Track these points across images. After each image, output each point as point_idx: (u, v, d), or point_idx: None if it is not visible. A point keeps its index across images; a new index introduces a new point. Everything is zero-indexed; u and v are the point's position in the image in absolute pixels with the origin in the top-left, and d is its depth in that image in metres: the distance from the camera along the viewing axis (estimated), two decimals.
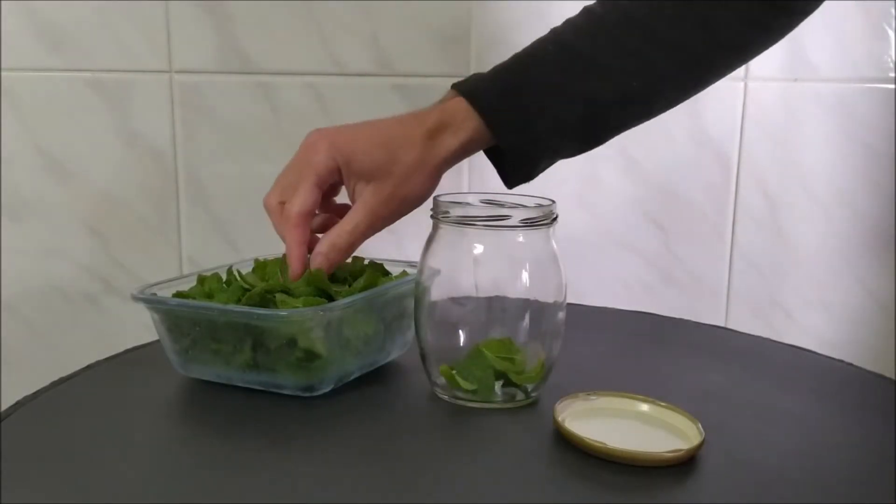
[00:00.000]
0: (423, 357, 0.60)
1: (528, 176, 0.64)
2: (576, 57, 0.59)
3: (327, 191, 0.61)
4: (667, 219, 1.00)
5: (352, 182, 0.59)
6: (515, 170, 0.63)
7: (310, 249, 0.60)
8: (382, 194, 0.58)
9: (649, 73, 0.59)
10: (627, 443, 0.48)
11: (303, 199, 0.58)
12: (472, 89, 0.60)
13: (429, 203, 0.59)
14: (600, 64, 0.59)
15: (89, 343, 1.00)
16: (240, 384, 0.60)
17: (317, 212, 0.61)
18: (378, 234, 0.98)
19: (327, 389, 0.59)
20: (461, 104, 0.59)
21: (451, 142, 0.59)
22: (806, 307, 1.02)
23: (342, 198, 0.63)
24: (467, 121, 0.59)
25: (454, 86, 0.61)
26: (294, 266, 0.58)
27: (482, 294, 0.58)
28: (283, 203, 0.59)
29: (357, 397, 0.59)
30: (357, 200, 0.59)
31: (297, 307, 0.57)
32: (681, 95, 0.63)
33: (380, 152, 0.57)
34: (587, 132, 0.62)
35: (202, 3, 0.94)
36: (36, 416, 0.55)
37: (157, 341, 0.63)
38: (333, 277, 0.63)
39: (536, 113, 0.59)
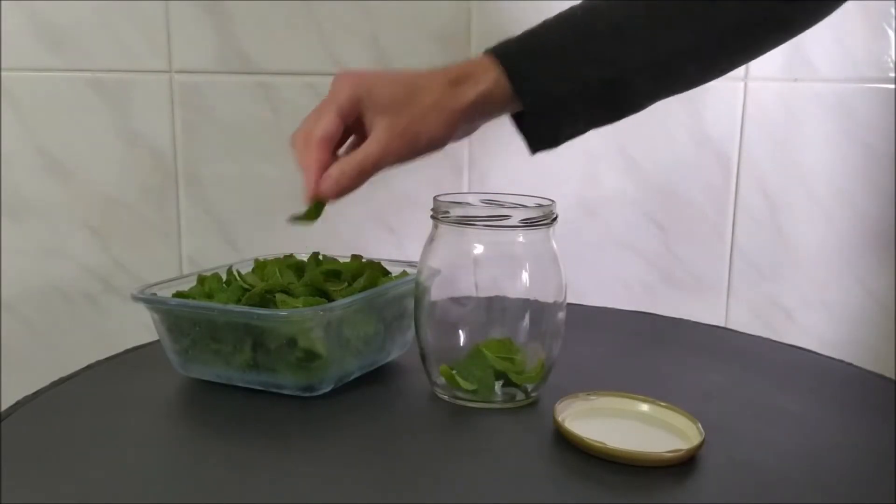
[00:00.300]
0: (423, 357, 0.60)
1: (550, 141, 0.62)
2: (603, 21, 0.59)
3: (356, 141, 0.60)
4: (667, 219, 1.00)
5: (370, 115, 0.58)
6: (537, 133, 0.62)
7: None
8: (397, 128, 0.57)
9: (678, 44, 0.58)
10: (627, 443, 0.48)
11: (324, 123, 0.57)
12: (497, 46, 0.60)
13: (429, 203, 0.59)
14: (628, 30, 0.58)
15: (89, 343, 1.00)
16: (240, 384, 0.60)
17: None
18: (378, 234, 0.99)
19: (327, 389, 0.59)
20: (485, 59, 0.59)
21: (470, 91, 0.58)
22: (806, 307, 1.02)
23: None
24: (488, 72, 0.58)
25: (485, 50, 0.61)
26: (311, 187, 0.57)
27: (482, 294, 0.58)
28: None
29: (357, 397, 0.59)
30: (372, 131, 0.58)
31: (297, 307, 0.57)
32: (710, 72, 0.61)
33: (400, 89, 0.58)
34: (609, 99, 0.60)
35: (202, 3, 0.94)
36: (36, 416, 0.55)
37: (157, 341, 0.63)
38: (335, 276, 0.63)
39: (559, 72, 0.58)
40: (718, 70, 0.62)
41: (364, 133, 0.59)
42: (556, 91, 0.59)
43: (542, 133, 0.61)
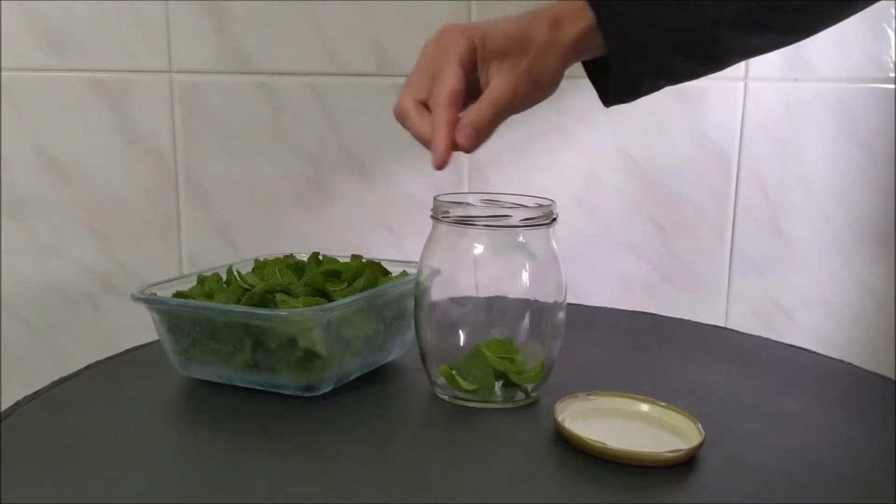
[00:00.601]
0: (423, 357, 0.60)
1: (627, 93, 0.61)
2: None
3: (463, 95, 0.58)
4: (667, 219, 1.00)
5: (488, 62, 0.56)
6: (618, 82, 0.60)
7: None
8: (520, 69, 0.56)
9: None
10: (627, 443, 0.48)
11: (451, 79, 0.54)
12: None
13: (429, 203, 0.59)
14: None
15: (89, 343, 1.00)
16: (240, 384, 0.60)
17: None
18: (378, 234, 0.99)
19: (327, 389, 0.59)
20: (576, 2, 0.58)
21: (572, 29, 0.57)
22: (806, 307, 1.02)
23: None
24: (582, 11, 0.57)
25: None
26: (441, 148, 0.53)
27: (482, 294, 0.58)
28: (420, 103, 0.56)
29: (357, 397, 0.59)
30: (493, 78, 0.56)
31: (297, 307, 0.57)
32: (799, 30, 0.60)
33: (514, 30, 0.56)
34: (694, 50, 0.59)
35: (202, 3, 0.94)
36: (36, 416, 0.55)
37: (157, 341, 0.63)
38: (335, 276, 0.63)
39: (647, 17, 0.57)
40: (808, 28, 0.60)
41: (476, 88, 0.57)
42: (644, 37, 0.57)
43: (623, 83, 0.60)
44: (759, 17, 0.58)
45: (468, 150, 0.55)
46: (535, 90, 0.57)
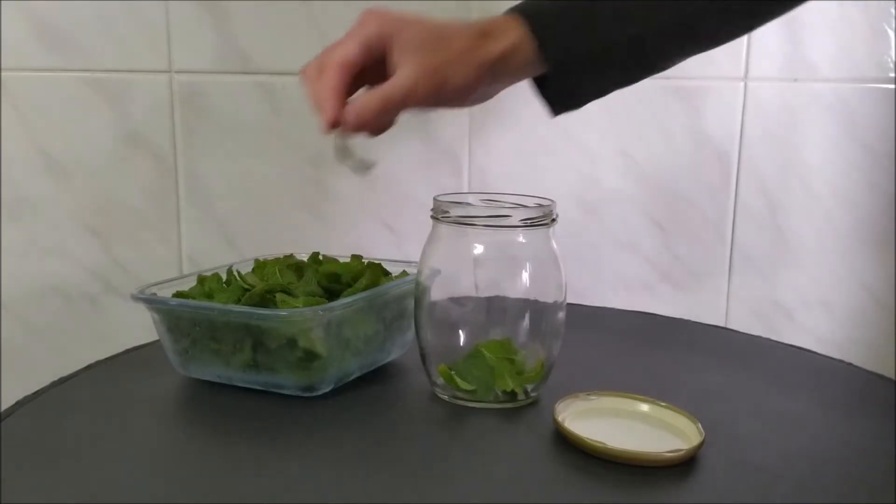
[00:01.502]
0: (423, 357, 0.60)
1: (573, 103, 0.61)
2: None
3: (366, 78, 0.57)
4: (667, 219, 1.00)
5: (397, 53, 0.55)
6: (560, 94, 0.60)
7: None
8: (427, 67, 0.55)
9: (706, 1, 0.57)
10: (627, 443, 0.48)
11: (345, 49, 0.53)
12: (522, 3, 0.59)
13: (429, 203, 0.59)
14: None
15: (89, 343, 1.00)
16: (240, 384, 0.60)
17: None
18: (378, 234, 0.99)
19: (327, 389, 0.59)
20: (510, 17, 0.58)
21: (497, 45, 0.56)
22: (806, 307, 1.02)
23: None
24: (514, 29, 0.57)
25: (509, 9, 0.59)
26: (328, 110, 0.53)
27: (482, 294, 0.58)
28: None
29: (357, 397, 0.59)
30: (397, 70, 0.55)
31: (297, 307, 0.57)
32: (733, 30, 0.60)
33: (430, 33, 0.55)
34: (635, 58, 0.59)
35: (202, 3, 0.94)
36: (36, 416, 0.55)
37: (157, 341, 0.63)
38: (337, 280, 0.63)
39: (584, 31, 0.57)
40: (745, 27, 0.60)
41: (382, 77, 0.56)
42: (582, 51, 0.57)
43: (565, 95, 0.60)
44: (698, 22, 0.58)
45: (349, 130, 0.55)
46: (438, 92, 0.56)
